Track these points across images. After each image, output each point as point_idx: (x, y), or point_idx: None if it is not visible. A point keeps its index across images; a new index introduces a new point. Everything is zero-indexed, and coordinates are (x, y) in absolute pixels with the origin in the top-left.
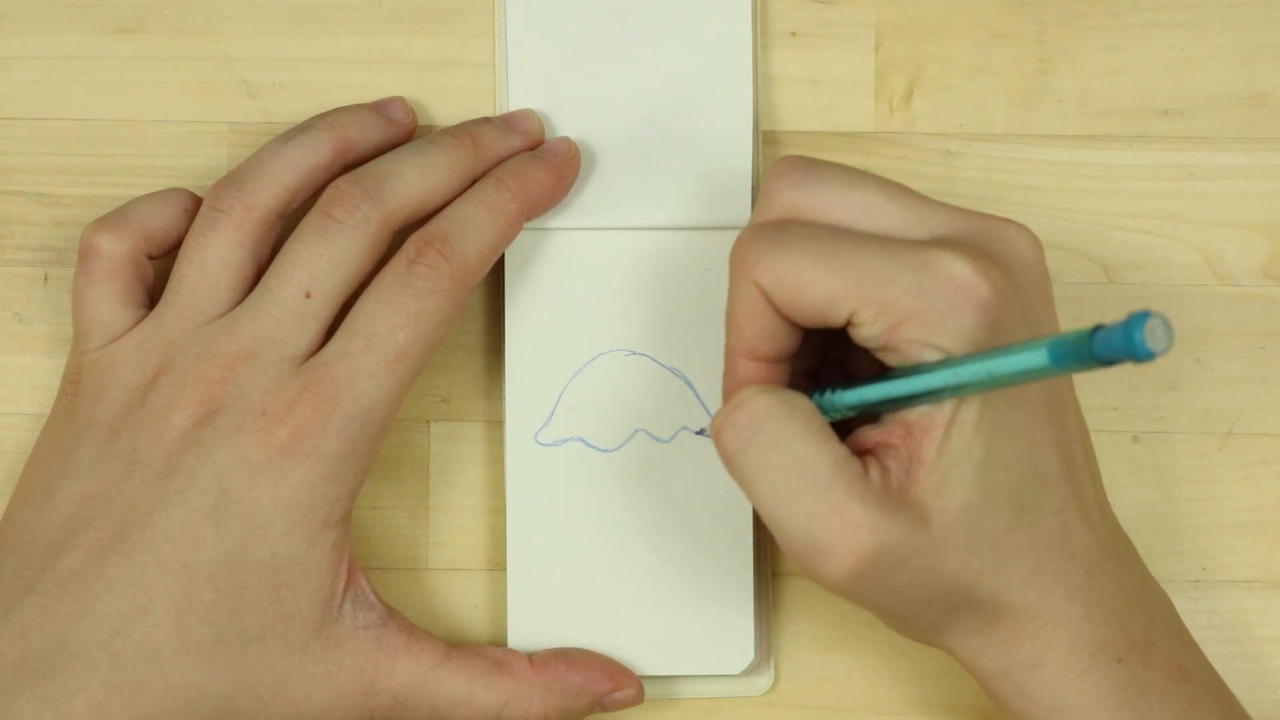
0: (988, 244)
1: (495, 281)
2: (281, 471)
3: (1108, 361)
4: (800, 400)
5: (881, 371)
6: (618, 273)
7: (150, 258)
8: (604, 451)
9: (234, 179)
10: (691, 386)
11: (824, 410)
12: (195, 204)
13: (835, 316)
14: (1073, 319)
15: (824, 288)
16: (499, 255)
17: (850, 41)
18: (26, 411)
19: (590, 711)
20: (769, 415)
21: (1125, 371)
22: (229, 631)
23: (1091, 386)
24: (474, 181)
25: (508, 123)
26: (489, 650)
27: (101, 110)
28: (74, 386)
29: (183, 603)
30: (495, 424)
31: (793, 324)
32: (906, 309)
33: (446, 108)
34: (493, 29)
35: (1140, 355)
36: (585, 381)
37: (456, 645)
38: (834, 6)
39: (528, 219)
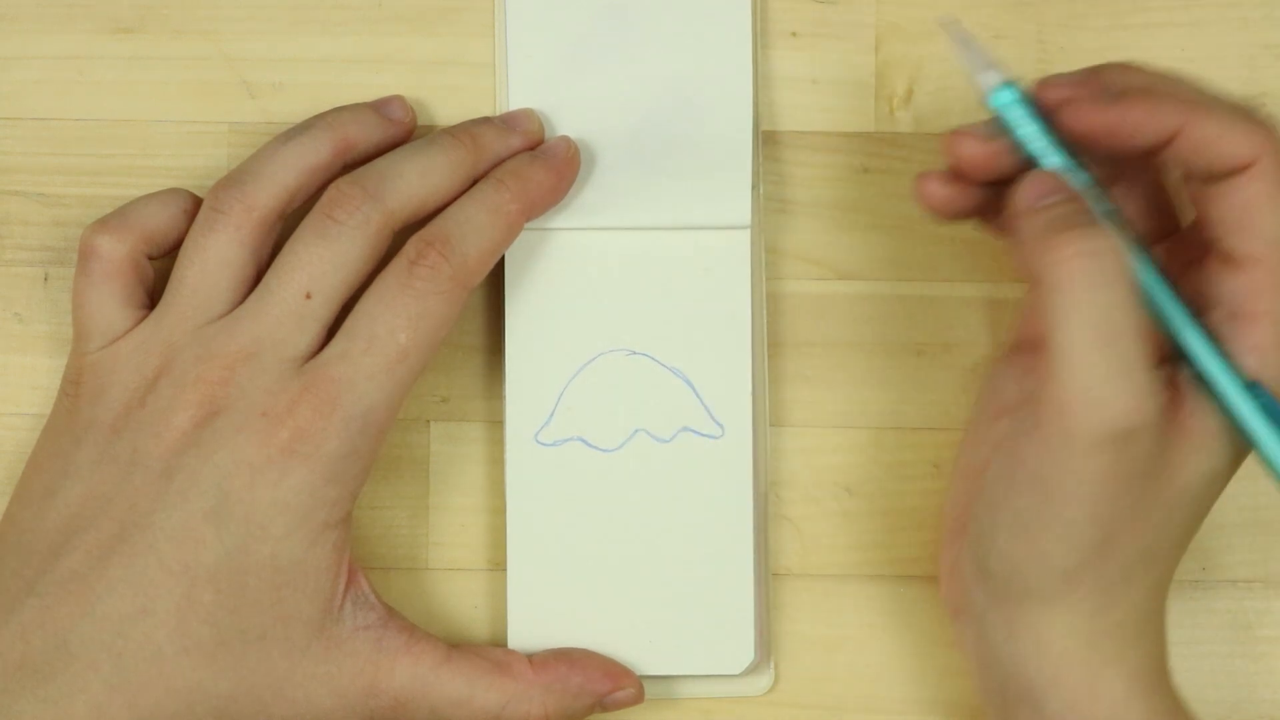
0: None
1: (495, 281)
2: (282, 472)
3: None
4: (1131, 265)
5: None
6: (618, 272)
7: (150, 258)
8: (604, 451)
9: (234, 179)
10: (692, 386)
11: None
12: (195, 204)
13: (1242, 235)
14: None
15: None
16: (500, 255)
17: (850, 41)
18: (26, 411)
19: (591, 712)
20: (1119, 273)
21: None
22: (230, 632)
23: None
24: (474, 182)
25: (507, 122)
26: (489, 651)
27: (101, 110)
28: (74, 387)
29: (184, 604)
30: (495, 424)
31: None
32: None
33: (447, 107)
34: (493, 29)
35: None
36: (585, 381)
37: (457, 646)
38: (834, 6)
39: (528, 219)
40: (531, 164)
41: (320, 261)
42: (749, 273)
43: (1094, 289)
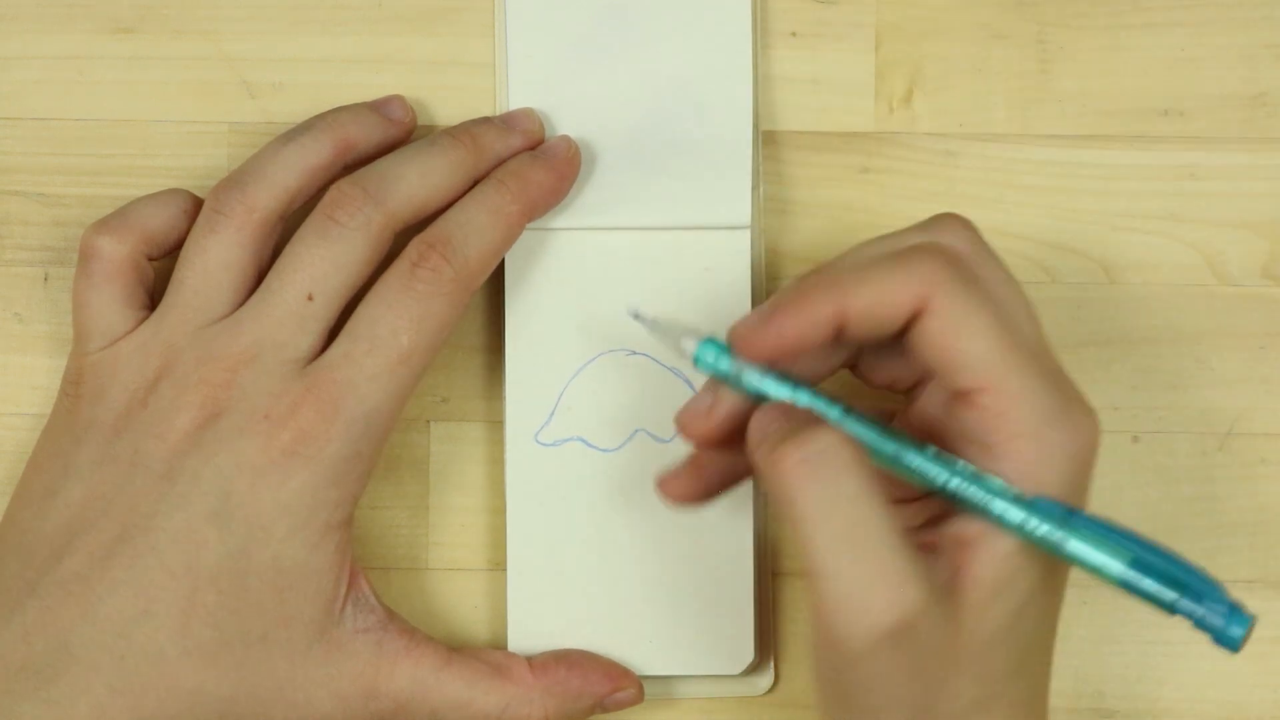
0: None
1: (496, 281)
2: (284, 475)
3: (1174, 611)
4: (864, 452)
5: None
6: (618, 273)
7: (150, 259)
8: (604, 451)
9: (234, 180)
10: (692, 386)
11: (908, 471)
12: (195, 205)
13: (964, 379)
14: (1073, 318)
15: (971, 348)
16: (501, 256)
17: (850, 41)
18: (26, 411)
19: (591, 713)
20: (846, 465)
21: (1125, 371)
22: (232, 634)
23: (1091, 386)
24: (475, 182)
25: (507, 123)
26: (489, 654)
27: (101, 110)
28: (75, 388)
29: (185, 605)
30: (495, 424)
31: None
32: (1033, 427)
33: (447, 108)
34: (493, 29)
35: (1227, 642)
36: (585, 381)
37: (457, 649)
38: (834, 6)
39: (529, 220)
40: (532, 164)
41: (321, 263)
42: (749, 273)
43: (822, 489)
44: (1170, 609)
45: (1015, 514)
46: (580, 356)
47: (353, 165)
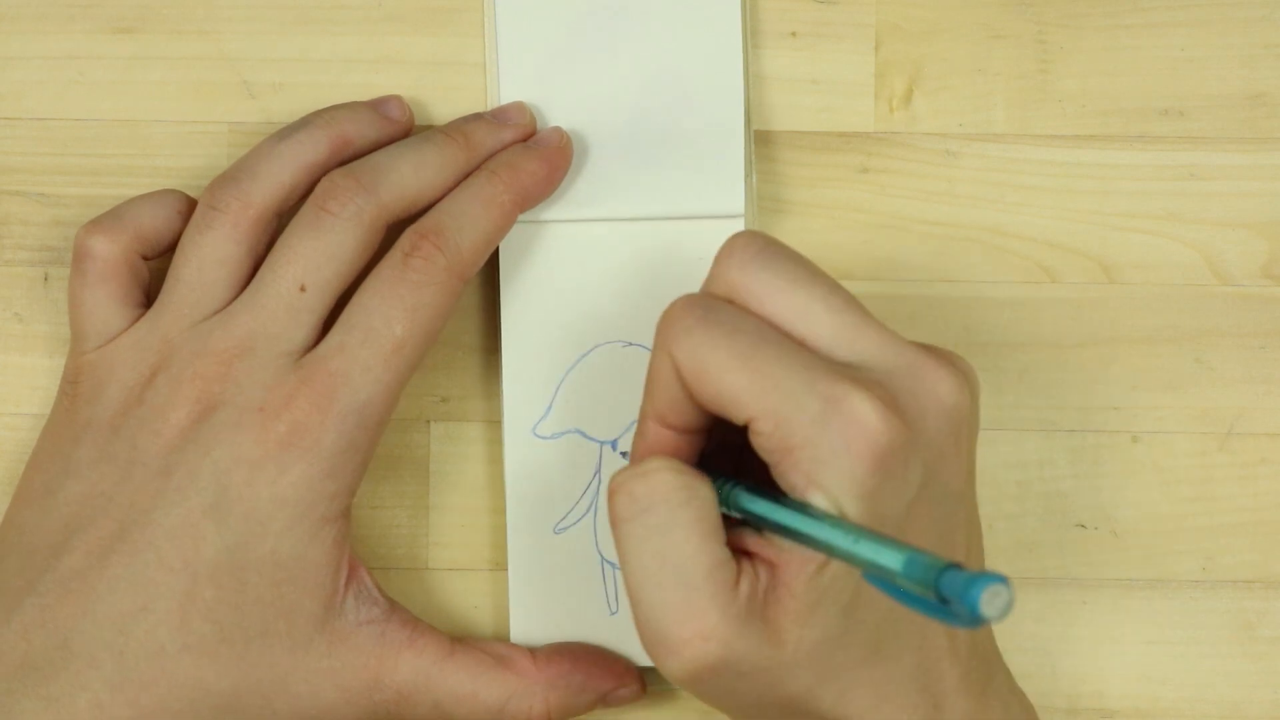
0: (907, 385)
1: (491, 276)
2: (280, 467)
3: (944, 600)
4: (701, 489)
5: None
6: (612, 264)
7: (145, 258)
8: (603, 443)
9: (230, 177)
10: None
11: (722, 501)
12: (189, 205)
13: (735, 415)
14: (1073, 319)
15: (731, 384)
16: (494, 247)
17: (850, 41)
18: (26, 411)
19: (593, 708)
20: (666, 498)
21: (1125, 371)
22: (232, 629)
23: (1092, 386)
24: (467, 176)
25: (499, 117)
26: (492, 645)
27: (101, 110)
28: (73, 387)
29: (185, 601)
30: (495, 424)
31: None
32: (803, 436)
33: (445, 107)
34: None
35: (970, 610)
36: (582, 373)
37: (460, 640)
38: (834, 6)
39: (521, 210)
40: (524, 155)
41: (314, 254)
42: None
43: (638, 522)
44: (934, 588)
45: (814, 528)
46: (577, 349)
47: (348, 163)
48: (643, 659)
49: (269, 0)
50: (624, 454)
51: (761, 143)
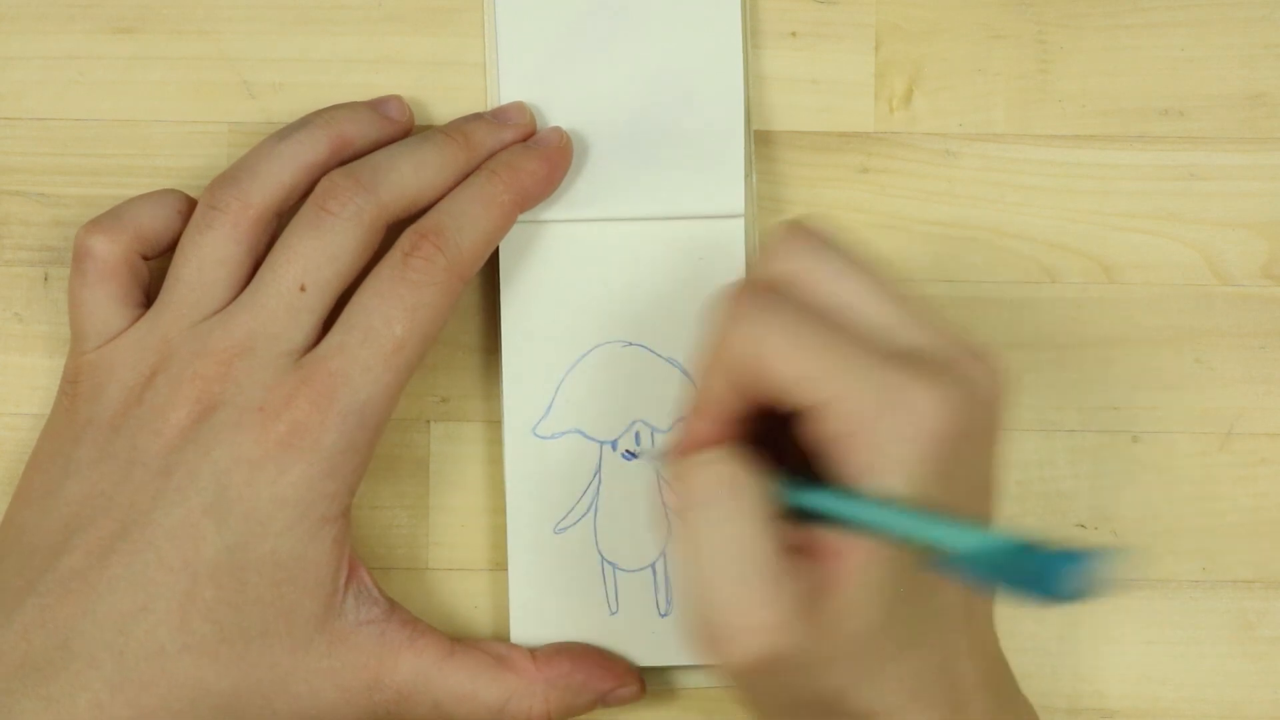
0: (958, 375)
1: (491, 276)
2: (280, 467)
3: (1034, 577)
4: (759, 480)
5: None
6: (612, 264)
7: (145, 258)
8: (603, 443)
9: (230, 177)
10: (689, 376)
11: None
12: (189, 204)
13: (797, 400)
14: (1073, 319)
15: (793, 370)
16: (494, 246)
17: (850, 41)
18: (26, 411)
19: (593, 708)
20: (728, 489)
21: (1125, 371)
22: (231, 629)
23: (1092, 386)
24: (467, 176)
25: (498, 117)
26: (492, 646)
27: (101, 110)
28: (72, 387)
29: (185, 601)
30: (495, 424)
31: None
32: (864, 422)
33: (446, 108)
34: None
35: (1069, 585)
36: (582, 373)
37: (460, 640)
38: (834, 6)
39: (522, 210)
40: (524, 154)
41: (313, 253)
42: (744, 261)
43: (704, 511)
44: (1021, 575)
45: (874, 514)
46: (577, 349)
47: (348, 163)
48: (642, 659)
49: (269, 0)
50: (624, 454)
51: (761, 143)
